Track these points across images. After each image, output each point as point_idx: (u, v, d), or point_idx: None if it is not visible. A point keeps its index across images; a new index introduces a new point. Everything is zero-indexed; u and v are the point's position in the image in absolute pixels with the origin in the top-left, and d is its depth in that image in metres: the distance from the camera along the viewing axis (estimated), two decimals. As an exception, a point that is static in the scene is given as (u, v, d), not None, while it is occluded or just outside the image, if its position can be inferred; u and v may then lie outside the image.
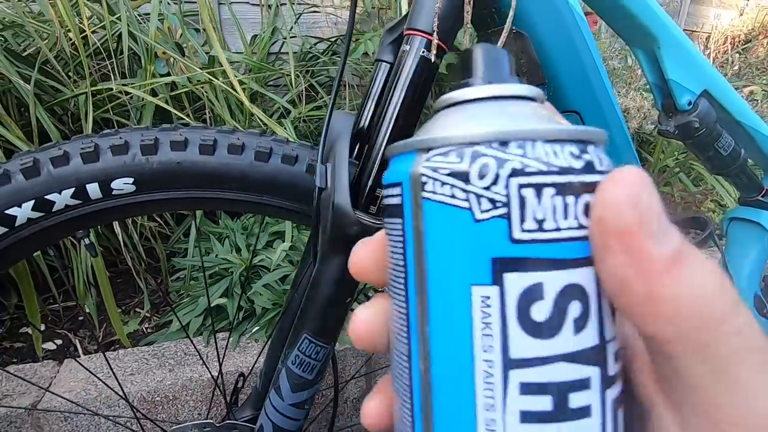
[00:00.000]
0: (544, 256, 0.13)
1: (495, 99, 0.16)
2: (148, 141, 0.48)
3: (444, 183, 0.14)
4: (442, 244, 0.14)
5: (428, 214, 0.14)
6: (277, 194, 0.52)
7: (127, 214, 0.51)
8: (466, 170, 0.14)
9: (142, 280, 1.20)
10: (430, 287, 0.14)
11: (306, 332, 0.49)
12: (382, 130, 0.46)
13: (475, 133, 0.14)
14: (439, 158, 0.14)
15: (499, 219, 0.13)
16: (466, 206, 0.14)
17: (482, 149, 0.14)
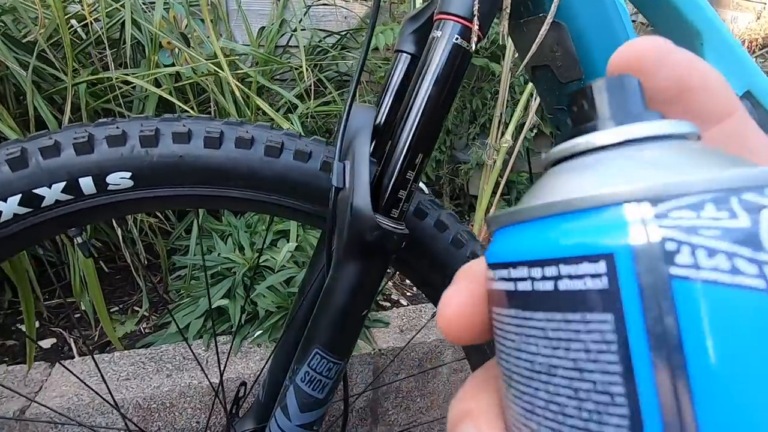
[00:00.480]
0: None
1: (660, 139, 0.11)
2: (147, 132, 0.43)
3: (715, 251, 0.09)
4: (727, 349, 0.09)
5: (690, 304, 0.09)
6: (289, 193, 0.48)
7: (123, 211, 0.46)
8: (752, 229, 0.09)
9: (141, 278, 1.15)
10: (704, 425, 0.09)
11: (317, 346, 0.44)
12: (407, 126, 0.41)
13: (733, 176, 0.09)
14: (687, 213, 0.09)
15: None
16: (762, 286, 0.09)
17: (757, 198, 0.09)
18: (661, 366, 0.09)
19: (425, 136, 0.41)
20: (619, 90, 0.12)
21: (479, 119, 1.53)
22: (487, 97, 1.51)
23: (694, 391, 0.08)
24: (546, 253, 0.10)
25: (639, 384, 0.09)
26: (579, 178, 0.11)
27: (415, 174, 0.42)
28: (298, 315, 0.62)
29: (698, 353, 0.09)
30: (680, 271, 0.09)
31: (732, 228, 0.09)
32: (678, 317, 0.09)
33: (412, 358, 0.94)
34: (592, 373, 0.09)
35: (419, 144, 0.41)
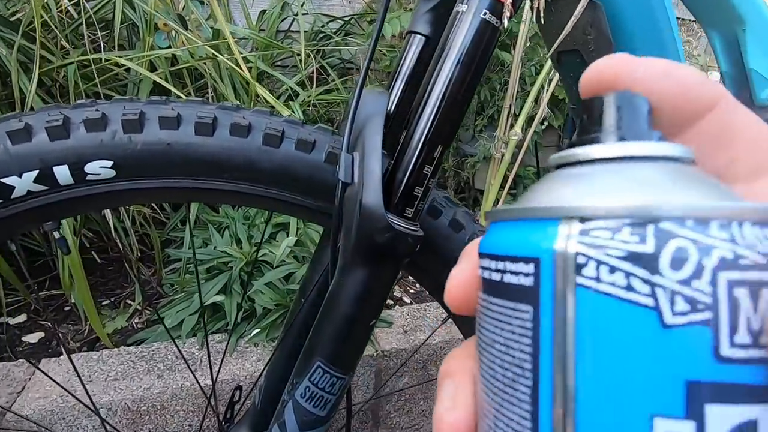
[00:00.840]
0: (762, 383, 0.10)
1: (657, 160, 0.12)
2: (131, 116, 0.38)
3: (615, 268, 0.10)
4: (607, 353, 0.10)
5: (586, 309, 0.11)
6: (289, 187, 0.43)
7: (105, 204, 0.42)
8: (653, 254, 0.10)
9: (134, 270, 1.11)
10: (581, 412, 0.10)
11: (319, 359, 0.40)
12: (425, 114, 0.36)
13: (659, 205, 0.10)
14: (603, 233, 0.11)
15: (700, 327, 0.10)
16: (650, 304, 0.10)
17: (673, 228, 0.10)
18: (558, 353, 0.11)
19: (445, 126, 0.36)
20: (626, 107, 0.13)
21: (487, 111, 1.48)
22: (495, 87, 1.45)
23: (581, 367, 0.10)
24: (502, 250, 0.12)
25: (541, 363, 0.11)
26: (557, 187, 0.13)
27: (432, 169, 0.37)
28: (298, 318, 0.57)
29: (585, 354, 0.10)
30: (584, 281, 0.11)
31: (636, 251, 0.10)
32: (576, 318, 0.11)
33: (416, 360, 0.89)
34: (514, 350, 0.12)
35: (438, 134, 0.36)
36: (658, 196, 0.11)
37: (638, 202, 0.11)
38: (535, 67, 1.39)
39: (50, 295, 1.13)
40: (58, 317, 1.06)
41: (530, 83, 1.43)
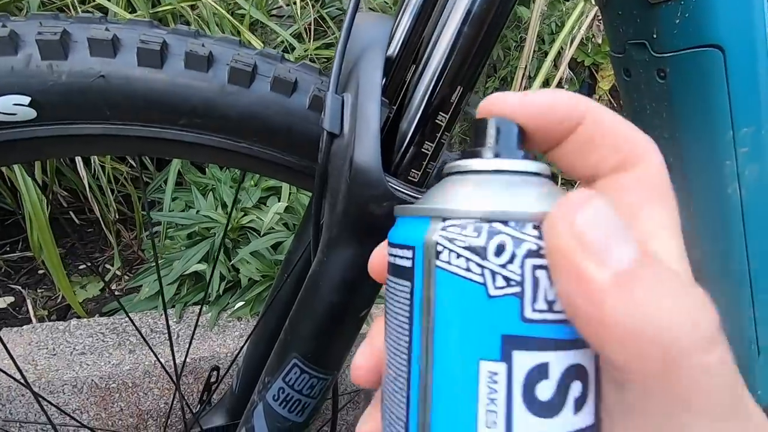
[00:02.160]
0: (553, 336, 0.14)
1: (508, 173, 0.15)
2: (50, 36, 0.29)
3: (459, 255, 0.14)
4: (452, 315, 0.14)
5: (441, 284, 0.14)
6: (264, 140, 0.34)
7: (26, 154, 0.33)
8: (483, 246, 0.14)
9: (112, 233, 1.03)
10: (436, 356, 0.14)
11: (296, 356, 0.32)
12: (443, 41, 0.27)
13: (493, 210, 0.14)
14: (455, 229, 0.14)
15: (512, 297, 0.14)
16: (480, 281, 0.14)
17: (500, 227, 0.14)
18: (424, 319, 0.15)
19: (470, 59, 0.27)
20: (501, 129, 0.16)
21: (499, 71, 1.36)
22: (510, 46, 1.33)
23: (436, 326, 0.14)
24: (396, 239, 0.16)
25: (413, 328, 0.15)
26: (440, 191, 0.16)
27: (449, 118, 0.28)
28: (280, 296, 0.50)
29: (440, 313, 0.14)
30: (440, 264, 0.14)
31: (473, 243, 0.14)
32: (435, 289, 0.14)
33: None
34: (399, 317, 0.16)
35: (458, 71, 0.27)
36: (500, 202, 0.14)
37: (481, 208, 0.14)
38: (556, 23, 1.27)
39: (24, 257, 1.05)
40: (30, 281, 0.99)
41: (549, 42, 1.30)
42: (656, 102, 0.44)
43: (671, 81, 0.41)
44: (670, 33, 0.39)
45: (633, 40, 0.42)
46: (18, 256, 1.05)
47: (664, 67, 0.41)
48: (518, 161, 0.16)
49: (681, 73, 0.41)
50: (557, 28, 1.29)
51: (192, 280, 0.85)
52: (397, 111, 0.29)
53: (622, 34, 0.43)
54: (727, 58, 0.39)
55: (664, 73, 0.42)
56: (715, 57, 0.39)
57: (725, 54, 0.39)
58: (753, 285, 0.53)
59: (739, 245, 0.50)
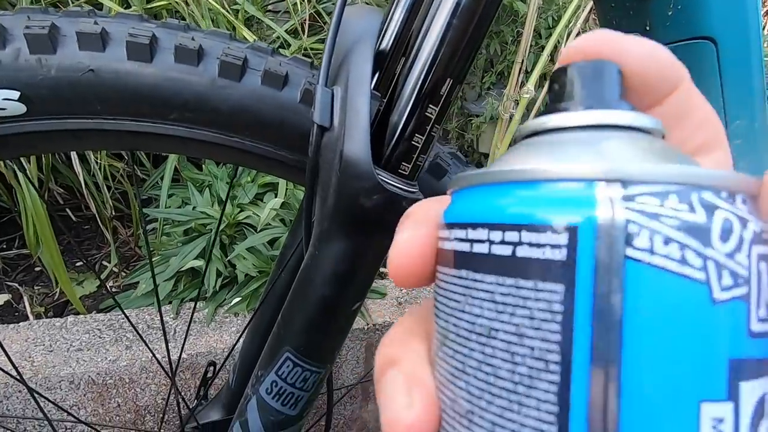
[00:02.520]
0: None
1: (630, 130, 0.12)
2: (38, 29, 0.29)
3: (670, 239, 0.09)
4: (659, 334, 0.09)
5: (637, 286, 0.09)
6: (255, 134, 0.34)
7: (16, 149, 0.33)
8: (705, 225, 0.09)
9: (109, 230, 1.03)
10: (626, 404, 0.09)
11: (288, 349, 0.32)
12: (432, 33, 0.27)
13: (697, 173, 0.10)
14: (651, 200, 0.10)
15: (740, 301, 0.09)
16: (702, 279, 0.09)
17: (713, 198, 0.10)
18: (600, 340, 0.09)
19: (459, 51, 0.27)
20: (598, 75, 0.12)
21: (496, 66, 1.36)
22: (507, 40, 1.33)
23: (624, 371, 0.09)
24: (510, 219, 0.10)
25: (575, 354, 0.09)
26: (551, 152, 0.12)
27: (438, 110, 0.28)
28: (275, 290, 0.50)
29: (635, 333, 0.09)
30: (635, 254, 0.09)
31: (689, 221, 0.09)
32: (624, 296, 0.09)
33: (410, 333, 0.83)
34: (532, 339, 0.10)
35: (449, 63, 0.27)
36: (658, 164, 0.11)
37: (677, 170, 0.10)
38: (552, 17, 1.26)
39: (20, 254, 1.05)
40: (27, 278, 0.99)
41: (545, 36, 1.30)
42: (650, 95, 0.44)
43: (664, 74, 0.42)
44: (663, 25, 0.39)
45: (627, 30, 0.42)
46: (14, 253, 1.05)
47: (657, 59, 0.41)
48: (649, 118, 0.12)
49: (674, 65, 0.41)
50: (554, 22, 1.29)
51: (189, 277, 0.85)
52: (388, 103, 0.29)
53: (615, 27, 0.43)
54: (720, 50, 0.39)
55: (657, 66, 0.42)
56: (708, 49, 0.39)
57: (717, 46, 0.39)
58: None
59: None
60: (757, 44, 0.41)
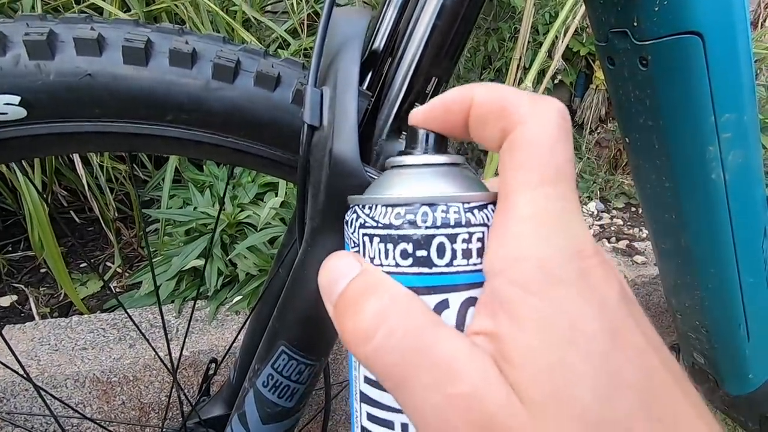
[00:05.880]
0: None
1: (436, 166, 0.19)
2: (37, 36, 0.30)
3: (368, 225, 0.18)
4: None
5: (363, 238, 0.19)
6: (248, 134, 0.35)
7: (17, 153, 0.34)
8: (395, 224, 0.17)
9: (112, 231, 1.04)
10: None
11: (283, 343, 0.33)
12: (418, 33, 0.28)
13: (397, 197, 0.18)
14: (368, 210, 0.19)
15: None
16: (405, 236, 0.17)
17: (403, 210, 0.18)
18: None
19: (443, 49, 0.28)
20: (427, 135, 0.20)
21: (494, 63, 1.36)
22: (504, 37, 1.33)
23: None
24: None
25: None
26: (384, 182, 0.20)
27: (424, 108, 0.29)
28: (272, 286, 0.51)
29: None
30: (362, 230, 0.18)
31: (376, 219, 0.18)
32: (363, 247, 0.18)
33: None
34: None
35: (434, 61, 0.28)
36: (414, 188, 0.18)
37: (385, 196, 0.18)
38: (550, 13, 1.27)
39: (26, 256, 1.07)
40: (32, 280, 1.00)
41: (543, 32, 1.30)
42: (639, 90, 0.45)
43: (653, 68, 0.42)
44: (650, 21, 0.39)
45: (615, 29, 0.43)
46: (20, 255, 1.06)
47: (645, 54, 0.41)
48: (438, 156, 0.19)
49: (662, 60, 0.41)
50: (552, 18, 1.29)
51: (191, 276, 0.86)
52: (376, 102, 0.30)
53: (604, 23, 0.43)
54: (707, 44, 0.39)
55: (646, 61, 0.42)
56: (695, 44, 0.39)
57: (704, 40, 0.39)
58: (740, 269, 0.53)
59: (725, 230, 0.50)
60: (744, 38, 0.41)
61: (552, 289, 0.14)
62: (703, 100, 0.43)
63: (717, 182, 0.47)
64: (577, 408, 0.13)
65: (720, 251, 0.52)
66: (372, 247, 0.17)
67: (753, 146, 0.48)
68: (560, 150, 0.15)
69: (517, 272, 0.14)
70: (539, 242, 0.14)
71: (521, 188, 0.15)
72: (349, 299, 0.17)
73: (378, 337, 0.15)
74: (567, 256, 0.14)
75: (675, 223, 0.52)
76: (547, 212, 0.15)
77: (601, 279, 0.15)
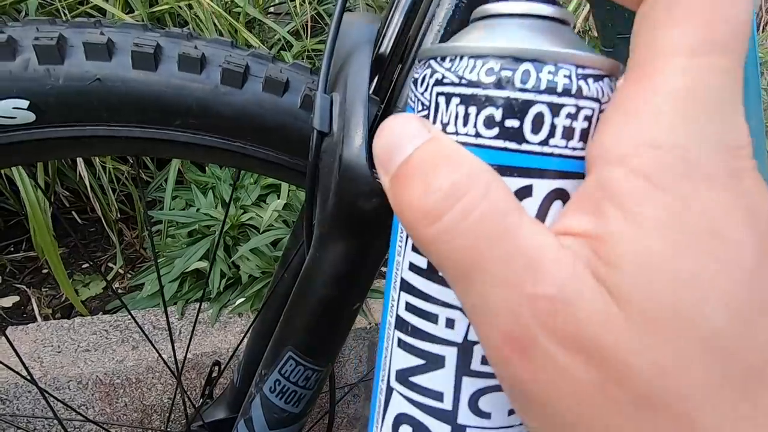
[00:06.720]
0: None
1: (539, 18, 0.15)
2: (46, 41, 0.30)
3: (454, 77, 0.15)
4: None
5: (442, 95, 0.15)
6: (257, 139, 0.35)
7: (26, 156, 0.34)
8: (480, 81, 0.14)
9: (114, 232, 1.04)
10: None
11: (291, 349, 0.33)
12: (427, 41, 0.28)
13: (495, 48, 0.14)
14: (458, 63, 0.15)
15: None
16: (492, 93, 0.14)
17: (500, 65, 0.14)
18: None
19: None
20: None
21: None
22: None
23: None
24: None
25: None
26: (470, 34, 0.16)
27: (434, 115, 0.29)
28: (277, 291, 0.51)
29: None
30: (438, 87, 0.15)
31: (459, 74, 0.14)
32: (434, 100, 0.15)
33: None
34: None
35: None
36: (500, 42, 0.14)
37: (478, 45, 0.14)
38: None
39: (28, 256, 1.07)
40: (34, 280, 1.00)
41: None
42: (645, 96, 0.45)
43: (659, 75, 0.42)
44: (657, 27, 0.40)
45: (622, 35, 0.43)
46: (22, 256, 1.06)
47: (652, 61, 0.42)
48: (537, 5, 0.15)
49: (669, 66, 0.41)
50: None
51: (193, 278, 0.86)
52: (386, 108, 0.30)
53: (611, 29, 0.43)
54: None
55: (652, 68, 0.42)
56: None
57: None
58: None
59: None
60: (750, 45, 0.41)
61: (692, 184, 0.11)
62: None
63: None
64: (704, 330, 0.10)
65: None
66: (448, 110, 0.14)
67: (759, 153, 0.48)
68: (741, 4, 0.11)
69: (646, 160, 0.11)
70: (687, 126, 0.11)
71: (674, 53, 0.11)
72: (415, 169, 0.13)
73: (448, 217, 0.12)
74: (720, 149, 0.11)
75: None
76: (707, 89, 0.11)
77: (755, 186, 0.11)
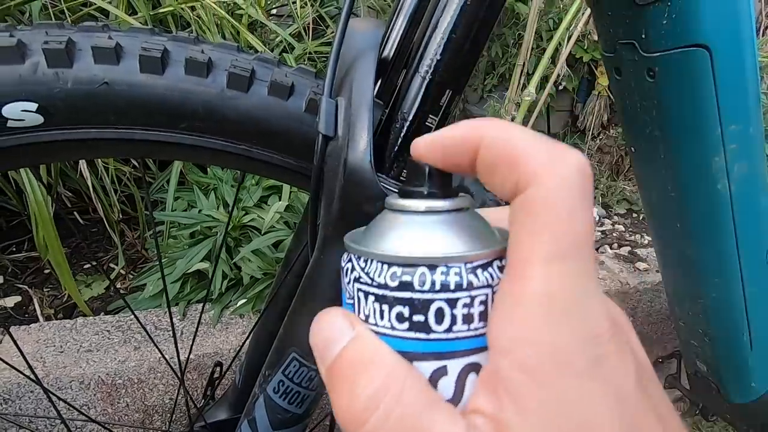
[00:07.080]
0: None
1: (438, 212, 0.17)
2: (56, 44, 0.30)
3: (361, 280, 0.17)
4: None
5: (357, 292, 0.18)
6: (262, 142, 0.35)
7: (33, 158, 0.34)
8: (385, 281, 0.16)
9: (116, 232, 1.04)
10: None
11: (294, 350, 0.33)
12: (432, 46, 0.28)
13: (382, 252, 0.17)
14: (362, 263, 0.17)
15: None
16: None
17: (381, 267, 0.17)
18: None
19: (456, 65, 0.28)
20: (430, 172, 0.18)
21: (498, 69, 1.37)
22: (508, 43, 1.34)
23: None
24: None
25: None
26: (381, 228, 0.18)
27: (438, 120, 0.29)
28: (280, 292, 0.51)
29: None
30: (357, 284, 0.17)
31: (371, 276, 0.16)
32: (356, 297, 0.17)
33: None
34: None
35: (447, 75, 0.28)
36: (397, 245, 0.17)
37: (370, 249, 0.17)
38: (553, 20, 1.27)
39: (30, 257, 1.07)
40: (36, 280, 1.00)
41: (547, 39, 1.31)
42: (646, 100, 0.45)
43: (660, 80, 0.42)
44: (658, 33, 0.40)
45: (623, 40, 0.43)
46: (24, 256, 1.07)
47: (653, 66, 0.42)
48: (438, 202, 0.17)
49: (669, 72, 0.42)
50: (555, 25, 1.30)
51: (195, 279, 0.86)
52: (390, 113, 0.30)
53: (612, 35, 0.44)
54: (714, 57, 0.40)
55: (653, 73, 0.42)
56: (702, 57, 0.40)
57: (712, 53, 0.40)
58: (744, 278, 0.54)
59: (729, 240, 0.51)
60: (750, 51, 0.42)
61: (563, 380, 0.13)
62: (709, 112, 0.43)
63: (722, 192, 0.47)
64: None
65: (724, 260, 0.52)
66: (367, 305, 0.16)
67: (758, 157, 0.48)
68: (579, 218, 0.14)
69: (525, 356, 0.14)
70: (551, 327, 0.14)
71: (534, 260, 0.14)
72: (343, 372, 0.16)
73: (373, 419, 0.14)
74: (581, 342, 0.14)
75: (679, 232, 0.52)
76: (562, 292, 0.14)
77: (617, 366, 0.14)
